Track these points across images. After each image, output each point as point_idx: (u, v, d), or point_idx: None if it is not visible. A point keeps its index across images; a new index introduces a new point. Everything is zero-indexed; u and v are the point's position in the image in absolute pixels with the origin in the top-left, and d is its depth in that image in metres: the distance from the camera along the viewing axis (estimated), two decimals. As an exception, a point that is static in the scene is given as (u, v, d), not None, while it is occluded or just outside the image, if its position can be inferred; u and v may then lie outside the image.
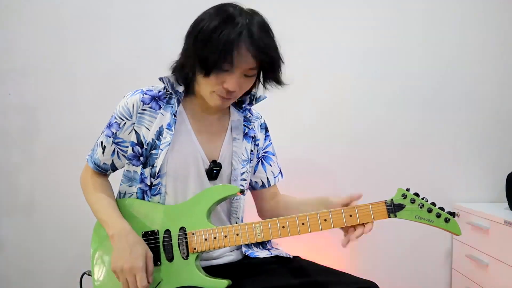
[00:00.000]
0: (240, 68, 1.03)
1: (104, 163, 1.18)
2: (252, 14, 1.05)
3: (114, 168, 1.21)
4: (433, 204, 1.03)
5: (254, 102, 1.26)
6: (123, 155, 1.17)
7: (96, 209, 1.14)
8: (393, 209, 1.04)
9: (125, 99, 1.14)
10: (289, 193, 1.38)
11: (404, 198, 1.04)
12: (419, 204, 1.03)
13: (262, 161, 1.32)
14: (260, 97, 1.25)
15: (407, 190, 1.05)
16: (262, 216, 1.36)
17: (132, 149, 1.14)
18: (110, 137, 1.14)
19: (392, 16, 2.00)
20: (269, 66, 1.07)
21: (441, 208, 1.03)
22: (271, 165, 1.34)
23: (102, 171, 1.20)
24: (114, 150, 1.16)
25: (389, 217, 1.04)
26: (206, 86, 1.08)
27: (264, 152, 1.33)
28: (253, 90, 1.20)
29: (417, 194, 1.04)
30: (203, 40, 1.01)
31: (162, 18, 1.90)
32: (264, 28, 1.05)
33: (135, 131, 1.13)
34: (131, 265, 1.01)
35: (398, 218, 1.04)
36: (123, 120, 1.13)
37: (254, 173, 1.32)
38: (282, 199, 1.35)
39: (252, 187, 1.35)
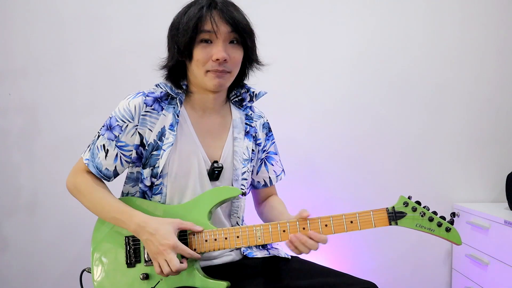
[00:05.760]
0: (218, 34, 1.07)
1: (106, 168, 1.14)
2: None
3: (116, 174, 1.17)
4: (435, 213, 1.03)
5: (254, 99, 1.26)
6: (125, 160, 1.15)
7: (104, 209, 1.10)
8: (394, 216, 1.04)
9: (126, 100, 1.13)
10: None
11: (406, 206, 1.04)
12: (420, 213, 1.03)
13: (265, 161, 1.32)
14: (260, 93, 1.25)
15: (409, 198, 1.05)
16: (257, 210, 1.38)
17: (136, 152, 1.14)
18: (112, 140, 1.12)
19: (393, 16, 1.99)
20: (243, 30, 1.09)
21: (443, 218, 1.03)
22: (273, 165, 1.33)
23: (104, 178, 1.16)
24: (116, 154, 1.13)
25: (390, 224, 1.04)
26: (198, 70, 1.10)
27: (266, 153, 1.33)
28: (244, 78, 1.22)
29: (418, 203, 1.04)
30: (176, 28, 1.10)
31: (163, 19, 1.88)
32: (228, 1, 1.12)
33: (139, 133, 1.13)
34: (157, 250, 1.02)
35: (399, 226, 1.04)
36: (125, 122, 1.12)
37: (257, 174, 1.32)
38: (273, 201, 1.33)
39: (254, 186, 1.35)
